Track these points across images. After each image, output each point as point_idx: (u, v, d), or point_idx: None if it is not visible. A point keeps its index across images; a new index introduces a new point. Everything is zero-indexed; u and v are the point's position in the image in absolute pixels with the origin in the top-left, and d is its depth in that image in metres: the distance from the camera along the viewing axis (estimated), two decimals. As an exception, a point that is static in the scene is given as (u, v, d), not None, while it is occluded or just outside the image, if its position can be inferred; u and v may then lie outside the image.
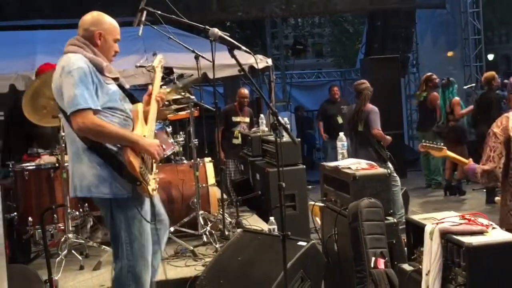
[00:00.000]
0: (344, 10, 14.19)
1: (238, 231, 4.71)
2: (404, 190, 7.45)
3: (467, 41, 13.05)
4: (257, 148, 6.79)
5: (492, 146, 3.99)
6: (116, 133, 3.30)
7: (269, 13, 11.28)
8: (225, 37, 3.81)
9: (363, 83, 7.15)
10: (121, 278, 3.46)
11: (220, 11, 10.61)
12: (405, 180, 9.82)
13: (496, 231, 3.42)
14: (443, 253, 3.38)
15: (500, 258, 3.24)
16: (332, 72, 17.51)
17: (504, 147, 3.95)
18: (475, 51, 13.13)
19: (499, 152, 3.96)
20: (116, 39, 3.56)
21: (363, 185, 4.48)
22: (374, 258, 4.16)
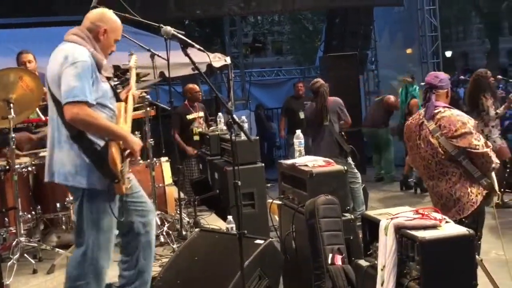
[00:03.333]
0: (303, 8, 14.26)
1: (195, 231, 4.69)
2: (363, 187, 7.54)
3: (424, 38, 13.23)
4: (215, 147, 6.77)
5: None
6: (108, 125, 3.41)
7: (228, 11, 11.24)
8: (178, 35, 3.80)
9: (317, 81, 7.30)
10: (82, 267, 3.50)
11: (178, 10, 10.53)
12: (364, 176, 9.91)
13: (449, 225, 3.48)
14: (398, 248, 3.43)
15: (452, 251, 3.31)
16: (292, 70, 17.60)
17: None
18: (432, 48, 13.33)
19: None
20: (116, 39, 3.67)
21: (320, 182, 4.51)
22: (331, 255, 4.19)
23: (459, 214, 4.16)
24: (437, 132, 4.16)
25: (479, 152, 4.09)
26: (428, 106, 4.27)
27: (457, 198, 4.17)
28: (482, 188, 4.19)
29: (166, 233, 5.18)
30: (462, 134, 4.10)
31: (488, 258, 5.63)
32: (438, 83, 4.29)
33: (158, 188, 5.38)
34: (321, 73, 11.47)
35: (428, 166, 4.27)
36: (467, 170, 4.14)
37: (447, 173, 4.18)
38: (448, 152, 4.13)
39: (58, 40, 3.63)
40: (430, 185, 4.35)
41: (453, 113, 4.21)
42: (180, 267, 4.26)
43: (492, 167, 4.17)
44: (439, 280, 3.25)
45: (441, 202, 4.25)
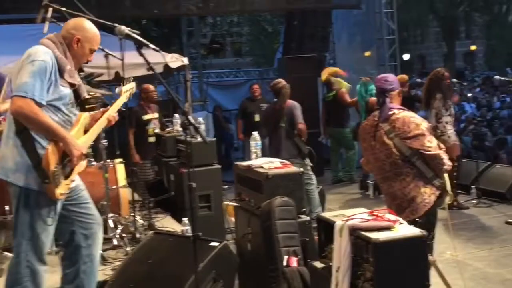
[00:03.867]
0: (261, 9, 14.30)
1: (149, 234, 4.65)
2: (321, 189, 7.59)
3: (381, 41, 13.39)
4: (171, 149, 6.74)
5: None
6: (49, 124, 3.37)
7: (186, 11, 11.18)
8: (132, 35, 3.77)
9: (279, 82, 7.32)
10: (17, 272, 3.45)
11: (134, 8, 10.42)
12: (322, 178, 10.00)
13: (403, 226, 3.54)
14: (352, 249, 3.46)
15: (405, 252, 3.36)
16: (250, 71, 17.60)
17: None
18: (389, 51, 13.51)
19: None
20: (93, 49, 3.70)
21: (276, 184, 4.53)
22: (286, 257, 4.21)
23: (413, 214, 4.23)
24: (391, 133, 4.23)
25: (432, 153, 4.18)
26: (382, 109, 4.35)
27: (411, 198, 4.24)
28: (435, 188, 4.27)
29: (119, 236, 5.12)
30: (416, 135, 4.18)
31: (442, 259, 5.74)
32: (389, 87, 4.38)
33: (112, 190, 5.32)
34: (280, 75, 11.49)
35: (382, 167, 4.33)
36: (420, 170, 4.22)
37: (401, 173, 4.25)
38: (402, 153, 4.21)
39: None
40: (384, 186, 4.42)
41: (407, 115, 4.29)
42: (133, 270, 4.22)
43: (444, 168, 4.26)
44: (392, 280, 3.30)
45: (395, 203, 4.32)
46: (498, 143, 11.96)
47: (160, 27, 18.67)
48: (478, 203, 8.20)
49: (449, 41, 41.18)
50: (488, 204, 8.15)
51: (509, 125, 14.62)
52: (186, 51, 13.43)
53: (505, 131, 13.68)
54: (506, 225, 7.15)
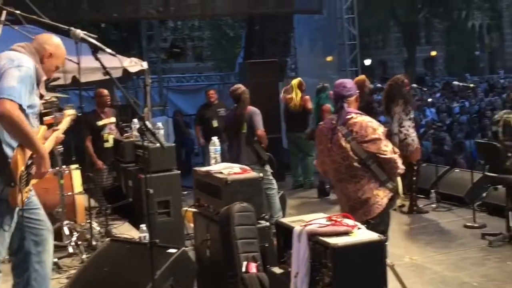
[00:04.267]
0: (222, 13, 14.29)
1: (105, 241, 4.59)
2: (282, 194, 7.61)
3: (343, 46, 13.53)
4: (130, 154, 6.67)
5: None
6: (30, 132, 3.37)
7: (145, 15, 11.11)
8: (88, 39, 3.73)
9: (239, 88, 7.31)
10: None
11: (92, 11, 10.27)
12: (283, 183, 10.04)
13: (361, 231, 3.57)
14: (311, 254, 3.48)
15: (363, 257, 3.38)
16: (211, 76, 17.60)
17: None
18: (351, 56, 13.65)
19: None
20: (58, 66, 3.79)
21: (235, 190, 4.53)
22: (245, 263, 4.20)
23: (366, 215, 4.36)
24: (349, 136, 4.35)
25: (387, 157, 4.33)
26: (341, 113, 4.46)
27: (364, 200, 4.38)
28: (388, 191, 4.41)
29: (75, 243, 5.04)
30: (372, 139, 4.32)
31: (401, 263, 5.82)
32: (347, 93, 4.50)
33: (67, 196, 5.24)
34: (241, 80, 11.50)
35: (338, 169, 4.45)
36: (374, 173, 4.36)
37: (356, 176, 4.38)
38: (359, 156, 4.34)
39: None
40: (339, 187, 4.55)
41: (365, 119, 4.41)
42: (88, 278, 4.16)
43: (398, 172, 4.42)
44: (350, 285, 3.33)
45: (349, 204, 4.46)
46: (457, 148, 12.17)
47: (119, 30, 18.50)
48: (437, 207, 8.32)
49: (409, 47, 41.82)
50: (447, 208, 8.28)
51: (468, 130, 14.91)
52: (145, 56, 13.34)
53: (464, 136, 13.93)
54: (464, 228, 7.27)
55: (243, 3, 11.60)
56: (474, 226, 7.21)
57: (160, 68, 14.15)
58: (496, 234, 6.65)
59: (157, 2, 10.80)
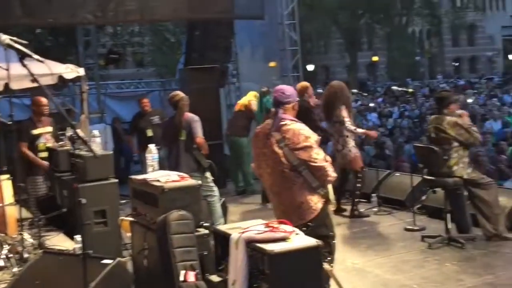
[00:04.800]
0: (162, 18, 14.18)
1: (38, 253, 4.47)
2: (223, 201, 7.59)
3: (284, 52, 13.61)
4: (64, 163, 6.52)
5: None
6: None
7: (81, 20, 10.88)
8: (14, 45, 3.63)
9: (177, 95, 7.28)
10: None
11: (25, 16, 9.98)
12: (225, 189, 10.02)
13: (298, 237, 3.59)
14: (249, 261, 3.49)
15: (300, 263, 3.41)
16: (152, 82, 17.45)
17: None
18: (292, 62, 13.75)
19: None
20: None
21: (172, 198, 4.49)
22: (183, 272, 4.16)
23: (300, 220, 4.42)
24: (282, 142, 4.44)
25: (318, 165, 4.44)
26: (275, 119, 4.54)
27: (296, 205, 4.47)
28: (320, 196, 4.52)
29: (5, 256, 4.89)
30: (304, 147, 4.43)
31: (343, 267, 5.88)
32: (285, 99, 4.59)
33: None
34: (181, 86, 11.43)
35: (272, 174, 4.54)
36: (307, 180, 4.45)
37: (289, 181, 4.47)
38: (291, 162, 4.43)
39: None
40: (273, 192, 4.62)
41: (298, 127, 4.51)
42: (19, 293, 4.04)
43: (329, 179, 4.53)
44: (288, 291, 3.34)
45: (281, 208, 4.55)
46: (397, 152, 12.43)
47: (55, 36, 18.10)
48: (379, 211, 8.45)
49: (351, 52, 42.63)
50: (388, 211, 8.42)
51: (409, 134, 15.26)
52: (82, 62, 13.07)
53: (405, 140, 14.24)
54: (405, 231, 7.41)
55: (183, 8, 11.51)
56: (414, 229, 7.36)
57: (98, 74, 13.90)
58: (435, 236, 6.80)
59: (94, 7, 10.58)
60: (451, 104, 6.83)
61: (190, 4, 11.28)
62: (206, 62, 11.97)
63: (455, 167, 6.66)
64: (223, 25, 12.90)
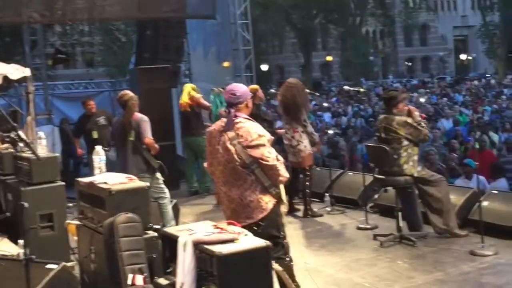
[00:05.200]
0: (111, 18, 14.03)
1: (-21, 259, 4.36)
2: (175, 203, 7.53)
3: (237, 51, 13.62)
4: (9, 166, 6.37)
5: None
6: None
7: (27, 19, 10.66)
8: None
9: (126, 94, 7.18)
10: None
11: (-33, 15, 9.76)
12: (178, 191, 9.96)
13: (247, 238, 3.59)
14: (197, 263, 3.47)
15: (249, 264, 3.40)
16: (102, 83, 17.25)
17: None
18: (245, 61, 13.76)
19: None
20: None
21: (120, 200, 4.44)
22: (131, 275, 4.10)
23: (249, 219, 4.45)
24: (235, 140, 4.46)
25: (269, 164, 4.45)
26: (229, 116, 4.56)
27: (246, 204, 4.48)
28: (272, 196, 4.52)
29: None
30: (257, 145, 4.45)
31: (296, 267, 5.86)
32: (236, 100, 4.60)
33: None
34: (132, 86, 11.31)
35: (223, 171, 4.55)
36: (259, 178, 4.47)
37: (240, 179, 4.48)
38: (243, 160, 4.45)
39: None
40: (223, 190, 4.62)
41: (252, 125, 4.54)
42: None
43: (280, 179, 4.54)
44: (236, 293, 3.33)
45: (231, 206, 4.55)
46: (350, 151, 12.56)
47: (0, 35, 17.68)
48: (332, 210, 8.51)
49: (306, 52, 42.93)
50: (341, 211, 8.49)
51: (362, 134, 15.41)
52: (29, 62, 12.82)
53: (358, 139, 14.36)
54: (357, 230, 7.49)
55: (133, 8, 11.43)
56: (367, 228, 7.45)
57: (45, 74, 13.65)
58: (387, 234, 6.89)
59: (40, 6, 10.40)
60: (399, 104, 6.92)
61: (140, 4, 11.20)
62: (157, 62, 11.92)
63: (405, 165, 6.76)
64: (174, 25, 12.87)
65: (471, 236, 6.68)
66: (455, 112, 18.20)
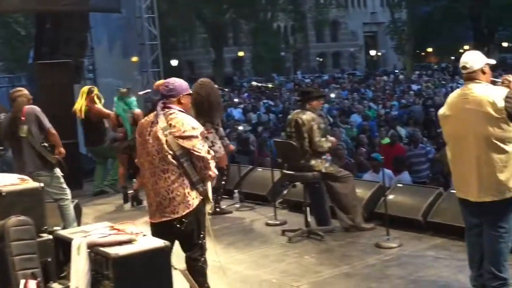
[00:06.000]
0: (8, 9, 13.41)
1: None
2: (76, 203, 7.31)
3: (143, 46, 13.44)
4: None
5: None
6: None
7: None
8: None
9: (18, 90, 6.99)
10: None
11: None
12: (81, 191, 9.71)
13: (145, 238, 3.53)
14: (92, 266, 3.38)
15: (147, 266, 3.33)
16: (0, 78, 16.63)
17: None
18: (152, 57, 13.59)
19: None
20: None
21: (10, 202, 4.23)
22: (24, 281, 3.94)
23: (174, 214, 4.41)
24: (166, 130, 4.43)
25: (200, 155, 4.43)
26: (163, 108, 4.55)
27: (172, 198, 4.42)
28: (198, 193, 4.49)
29: None
30: (189, 136, 4.43)
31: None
32: (167, 93, 4.60)
33: None
34: (31, 82, 10.93)
35: (152, 162, 4.50)
36: (187, 172, 4.43)
37: (168, 171, 4.43)
38: (173, 151, 4.41)
39: None
40: (150, 182, 4.55)
41: (185, 117, 4.54)
42: None
43: (209, 174, 4.52)
44: (133, 295, 3.25)
45: (157, 200, 4.48)
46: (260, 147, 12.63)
47: None
48: (241, 207, 8.54)
49: (217, 47, 42.96)
50: (250, 207, 8.52)
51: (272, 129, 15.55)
52: None
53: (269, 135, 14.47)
54: (266, 226, 7.54)
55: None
56: (276, 224, 7.50)
57: None
58: (296, 230, 6.96)
59: None
60: (313, 100, 7.00)
61: (39, -5, 10.81)
62: (58, 57, 11.51)
63: (313, 161, 6.83)
64: (77, 18, 12.46)
65: (377, 229, 6.85)
66: (364, 107, 18.69)
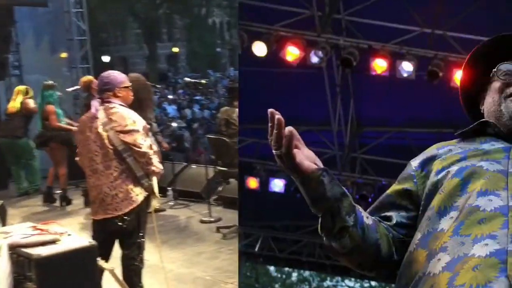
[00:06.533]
0: None
1: None
2: (1, 204, 7.10)
3: (72, 42, 13.14)
4: None
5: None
6: None
7: None
8: None
9: None
10: None
11: None
12: (6, 191, 9.46)
13: (70, 238, 3.46)
14: (14, 268, 3.29)
15: (72, 265, 3.28)
16: None
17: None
18: (81, 52, 13.30)
19: None
20: None
21: None
22: None
23: (116, 211, 4.33)
24: (108, 125, 4.35)
25: (142, 151, 4.36)
26: (102, 103, 4.46)
27: (115, 194, 4.34)
28: (143, 189, 4.44)
29: None
30: (130, 131, 4.36)
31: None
32: (102, 87, 4.52)
33: None
34: None
35: (93, 158, 4.41)
36: (130, 167, 4.36)
37: (110, 167, 4.35)
38: (115, 146, 4.33)
39: None
40: (92, 179, 4.46)
41: (126, 111, 4.47)
42: None
43: (152, 169, 4.45)
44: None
45: (99, 197, 4.39)
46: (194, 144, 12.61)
47: None
48: (175, 205, 8.50)
49: (150, 43, 42.58)
50: (185, 204, 8.50)
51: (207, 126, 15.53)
52: None
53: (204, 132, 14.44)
54: (200, 223, 7.53)
55: None
56: (210, 221, 7.51)
57: None
58: (230, 226, 6.98)
59: None
60: None
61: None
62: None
63: (246, 156, 6.87)
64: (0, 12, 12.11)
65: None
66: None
